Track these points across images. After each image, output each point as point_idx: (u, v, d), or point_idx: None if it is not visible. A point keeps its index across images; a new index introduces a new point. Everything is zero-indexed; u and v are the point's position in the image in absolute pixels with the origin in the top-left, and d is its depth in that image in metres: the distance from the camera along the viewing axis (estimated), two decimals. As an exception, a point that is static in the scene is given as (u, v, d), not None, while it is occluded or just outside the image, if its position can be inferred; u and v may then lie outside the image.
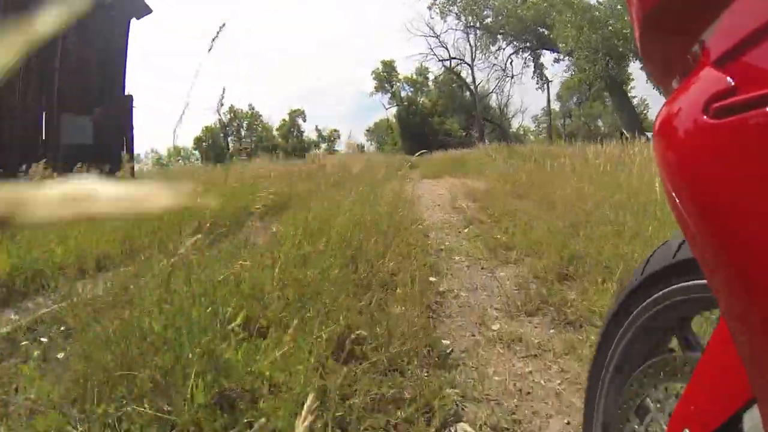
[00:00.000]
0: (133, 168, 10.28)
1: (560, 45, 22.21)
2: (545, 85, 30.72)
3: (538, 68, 29.50)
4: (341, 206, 3.49)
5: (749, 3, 0.39)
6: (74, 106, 11.39)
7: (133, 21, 12.59)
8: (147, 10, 12.48)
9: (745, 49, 0.39)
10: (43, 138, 10.95)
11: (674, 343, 0.81)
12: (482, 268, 3.32)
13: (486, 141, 28.71)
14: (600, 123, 41.23)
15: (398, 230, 3.61)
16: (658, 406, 0.72)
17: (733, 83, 0.39)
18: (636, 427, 0.76)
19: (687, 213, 0.43)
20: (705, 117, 0.40)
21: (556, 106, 41.56)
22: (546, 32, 25.44)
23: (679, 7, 0.47)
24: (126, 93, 12.61)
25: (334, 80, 75.13)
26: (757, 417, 0.43)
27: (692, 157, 0.42)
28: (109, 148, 11.24)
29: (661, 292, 0.74)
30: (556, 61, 28.10)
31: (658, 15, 0.50)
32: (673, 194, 0.45)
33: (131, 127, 12.71)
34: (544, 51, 28.44)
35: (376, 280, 2.74)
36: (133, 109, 12.96)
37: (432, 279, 2.87)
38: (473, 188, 7.84)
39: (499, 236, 4.13)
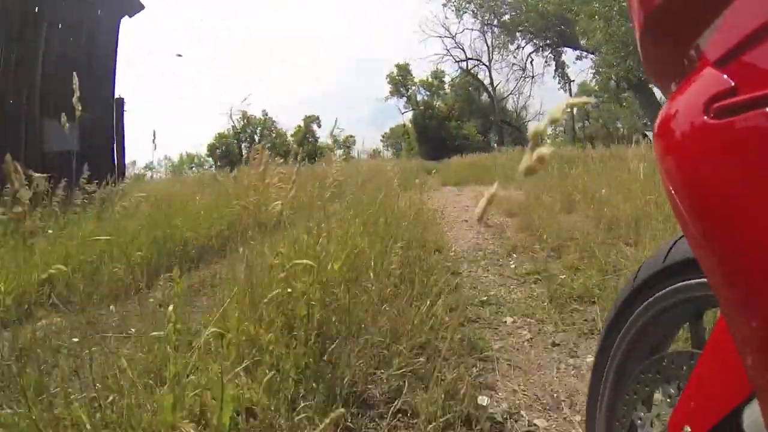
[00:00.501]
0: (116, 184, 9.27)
1: (584, 41, 20.67)
2: (567, 85, 29.16)
3: (560, 67, 27.96)
4: (335, 235, 2.23)
5: (749, 3, 0.39)
6: (58, 110, 10.46)
7: (125, 19, 11.66)
8: (138, 7, 11.52)
9: (745, 49, 0.38)
10: (25, 145, 10.08)
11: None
12: (554, 345, 2.02)
13: (505, 145, 27.26)
14: (619, 125, 39.67)
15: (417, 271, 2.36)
16: (661, 403, 0.69)
17: (733, 83, 0.38)
18: (639, 422, 0.73)
19: (687, 212, 0.43)
20: (706, 117, 0.40)
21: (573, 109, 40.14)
22: (567, 29, 23.97)
23: (680, 8, 0.47)
24: (116, 96, 11.65)
25: (347, 84, 73.81)
26: (757, 411, 0.43)
27: (693, 157, 0.42)
28: (98, 155, 10.35)
29: (666, 290, 0.72)
30: (579, 58, 26.60)
31: (658, 16, 0.50)
32: (674, 194, 0.45)
33: (122, 133, 11.77)
34: (566, 48, 26.98)
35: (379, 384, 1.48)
36: (125, 113, 12.03)
37: (482, 400, 1.54)
38: (506, 199, 6.49)
39: (563, 277, 2.82)
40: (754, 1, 0.38)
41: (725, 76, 0.39)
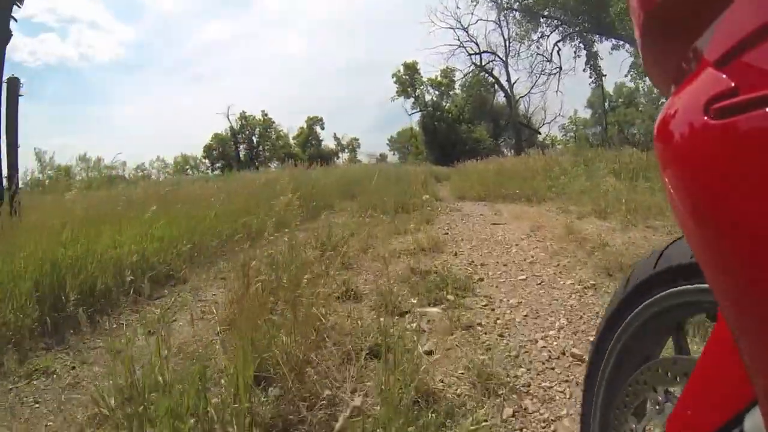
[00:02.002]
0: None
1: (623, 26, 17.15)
2: (599, 79, 25.47)
3: (592, 58, 24.34)
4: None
5: (749, 3, 0.39)
6: None
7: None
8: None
9: (745, 49, 0.38)
10: None
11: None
12: None
13: (523, 149, 23.76)
14: (634, 130, 36.70)
15: None
16: (657, 408, 0.69)
17: (733, 84, 0.38)
18: (633, 427, 0.73)
19: (688, 213, 0.43)
20: (706, 117, 0.40)
21: (586, 113, 37.37)
22: (602, 14, 20.53)
23: (680, 9, 0.47)
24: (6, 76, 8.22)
25: (352, 85, 70.52)
26: (759, 419, 0.42)
27: (693, 157, 0.42)
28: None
29: (654, 297, 0.73)
30: (615, 48, 23.06)
31: (658, 16, 0.50)
32: (674, 194, 0.44)
33: (15, 125, 8.33)
34: (597, 36, 23.47)
35: None
36: (19, 98, 8.58)
37: None
38: (637, 246, 2.89)
39: None
40: (754, 2, 0.38)
41: (725, 77, 0.39)
